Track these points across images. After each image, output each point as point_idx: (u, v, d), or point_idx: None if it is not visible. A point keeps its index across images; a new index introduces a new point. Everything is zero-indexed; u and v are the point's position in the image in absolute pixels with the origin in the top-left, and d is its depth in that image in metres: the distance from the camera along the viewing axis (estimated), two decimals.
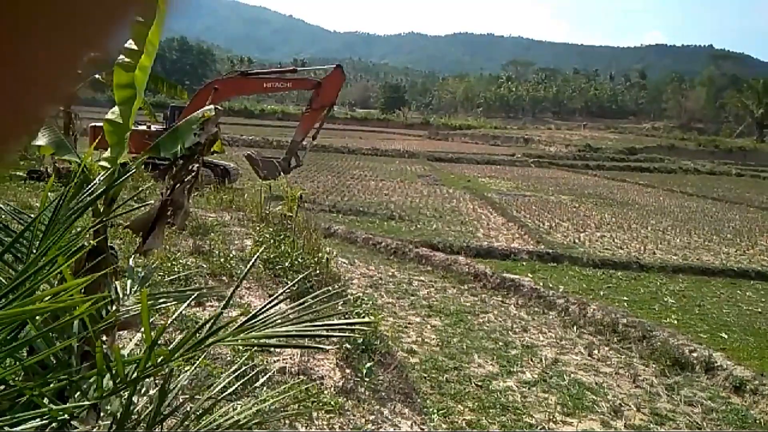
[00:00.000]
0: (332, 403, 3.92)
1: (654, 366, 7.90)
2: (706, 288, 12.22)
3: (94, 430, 1.58)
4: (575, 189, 27.47)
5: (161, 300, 2.10)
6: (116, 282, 2.40)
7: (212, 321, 1.42)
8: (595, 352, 8.18)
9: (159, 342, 1.58)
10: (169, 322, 1.67)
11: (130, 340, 2.21)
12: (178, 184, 4.03)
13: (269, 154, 25.98)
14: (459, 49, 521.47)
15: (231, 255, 6.54)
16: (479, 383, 6.76)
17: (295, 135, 19.31)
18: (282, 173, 18.62)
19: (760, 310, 10.97)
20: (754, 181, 39.71)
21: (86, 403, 1.47)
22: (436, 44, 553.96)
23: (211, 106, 2.80)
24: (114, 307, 2.27)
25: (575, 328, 9.11)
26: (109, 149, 2.66)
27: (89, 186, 2.32)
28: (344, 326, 1.75)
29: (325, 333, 1.58)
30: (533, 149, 49.93)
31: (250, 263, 1.85)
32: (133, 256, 3.03)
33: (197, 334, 1.43)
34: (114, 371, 1.46)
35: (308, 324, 1.54)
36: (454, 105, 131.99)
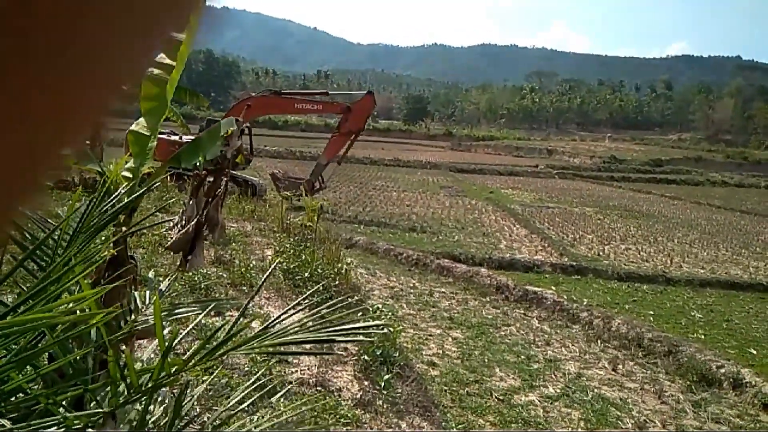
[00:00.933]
0: (349, 415, 3.89)
1: (680, 382, 7.73)
2: (735, 302, 11.96)
3: None
4: (600, 201, 27.16)
5: (180, 309, 2.10)
6: (136, 291, 2.42)
7: (228, 329, 1.42)
8: (620, 366, 8.03)
9: (177, 351, 1.57)
10: (186, 331, 1.67)
11: (152, 350, 2.22)
12: (211, 201, 4.07)
13: (293, 166, 26.17)
14: (482, 61, 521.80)
15: (251, 265, 6.57)
16: (500, 397, 6.67)
17: (320, 158, 19.34)
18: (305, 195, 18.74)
19: None
20: None
21: (101, 411, 1.47)
22: (459, 56, 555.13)
23: (232, 119, 2.82)
24: (132, 317, 2.28)
25: (599, 342, 8.96)
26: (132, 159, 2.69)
27: (112, 197, 2.34)
28: (358, 330, 1.73)
29: (339, 337, 1.56)
30: (557, 161, 49.58)
31: (268, 272, 1.85)
32: (170, 276, 3.06)
33: (212, 342, 1.43)
34: (128, 380, 1.46)
35: (323, 329, 1.53)
36: (477, 116, 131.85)
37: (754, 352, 9.15)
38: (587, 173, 41.81)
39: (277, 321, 1.53)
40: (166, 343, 1.30)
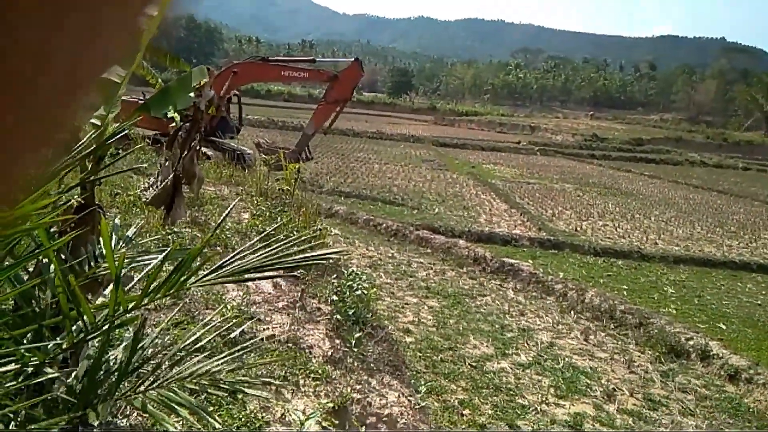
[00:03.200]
0: (319, 371, 3.92)
1: (649, 353, 7.89)
2: (707, 279, 12.18)
3: (67, 378, 1.57)
4: (580, 178, 27.34)
5: (143, 257, 2.07)
6: (100, 237, 2.38)
7: (184, 260, 1.40)
8: (591, 337, 8.18)
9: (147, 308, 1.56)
10: (145, 272, 1.65)
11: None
12: (185, 153, 4.01)
13: (275, 135, 25.90)
14: (469, 35, 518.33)
15: (227, 227, 6.54)
16: (473, 364, 6.77)
17: (306, 128, 18.87)
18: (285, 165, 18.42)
19: (759, 302, 10.94)
20: (760, 175, 39.43)
21: (58, 345, 1.45)
22: (446, 29, 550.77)
23: (204, 68, 2.76)
24: (97, 265, 2.25)
25: (572, 313, 9.10)
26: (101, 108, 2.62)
27: (78, 144, 2.29)
28: (316, 258, 1.72)
29: (298, 264, 1.55)
30: (539, 137, 49.68)
31: (230, 208, 1.83)
32: (136, 222, 3.01)
33: (161, 274, 1.41)
34: (85, 317, 1.44)
35: (282, 255, 1.52)
36: (462, 91, 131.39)
37: (723, 327, 9.35)
38: (569, 150, 41.97)
39: (238, 255, 1.52)
40: (116, 269, 1.27)
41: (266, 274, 1.56)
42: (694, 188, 28.14)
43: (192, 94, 2.90)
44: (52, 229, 2.19)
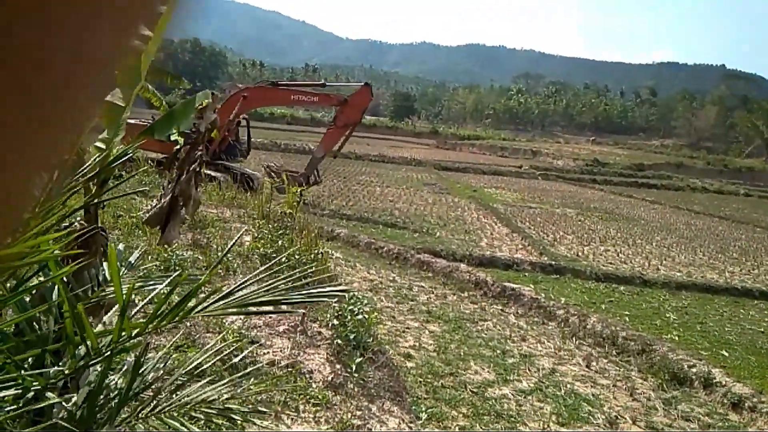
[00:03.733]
0: (319, 396, 3.89)
1: (652, 380, 7.83)
2: (710, 306, 12.12)
3: (68, 402, 1.56)
4: (581, 203, 27.37)
5: (148, 283, 2.08)
6: (105, 263, 2.39)
7: (190, 290, 1.40)
8: (594, 363, 8.11)
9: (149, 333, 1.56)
10: (150, 297, 1.65)
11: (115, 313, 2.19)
12: (183, 175, 4.03)
13: (278, 158, 25.94)
14: (470, 60, 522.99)
15: (229, 250, 6.54)
16: (474, 390, 6.71)
17: (315, 151, 18.87)
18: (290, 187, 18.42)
19: (762, 329, 10.86)
20: (761, 201, 39.46)
21: (59, 371, 1.45)
22: (448, 54, 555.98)
23: (207, 92, 2.79)
24: (100, 288, 2.25)
25: (574, 339, 9.05)
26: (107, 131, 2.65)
27: (82, 168, 2.31)
28: (320, 294, 1.72)
29: (301, 300, 1.56)
30: (541, 162, 49.89)
31: (236, 238, 1.84)
32: (140, 247, 3.02)
33: (169, 304, 1.41)
34: (88, 342, 1.44)
35: (287, 289, 1.53)
36: (464, 115, 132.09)
37: (726, 354, 9.28)
38: (570, 175, 42.12)
39: (242, 286, 1.53)
40: (124, 298, 1.28)
41: (270, 309, 1.57)
42: (696, 214, 28.14)
43: (193, 115, 2.93)
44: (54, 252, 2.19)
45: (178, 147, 4.68)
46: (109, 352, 1.49)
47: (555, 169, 44.55)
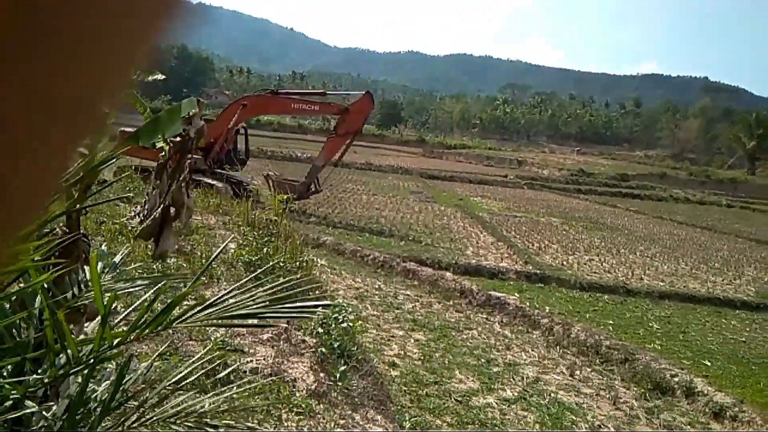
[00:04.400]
0: (303, 405, 3.87)
1: (635, 389, 7.88)
2: (692, 315, 12.23)
3: (48, 412, 1.54)
4: (566, 212, 27.54)
5: (128, 284, 2.06)
6: (86, 268, 2.37)
7: (173, 299, 1.39)
8: (577, 372, 8.15)
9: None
10: (135, 305, 1.64)
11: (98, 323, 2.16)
12: (175, 183, 4.00)
13: (265, 165, 25.85)
14: (457, 70, 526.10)
15: (212, 256, 6.51)
16: (459, 399, 6.71)
17: (316, 160, 18.76)
18: (300, 198, 18.29)
19: (744, 339, 10.98)
20: (743, 212, 39.94)
21: (39, 379, 1.43)
22: (435, 64, 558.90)
23: (194, 99, 2.78)
24: (81, 293, 2.23)
25: (558, 348, 9.09)
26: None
27: (66, 173, 2.29)
28: (304, 308, 1.72)
29: (285, 314, 1.55)
30: (526, 171, 50.16)
31: (222, 246, 1.83)
32: (123, 250, 2.99)
33: (151, 313, 1.40)
34: (69, 351, 1.42)
35: (272, 301, 1.52)
36: (450, 124, 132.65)
37: (708, 363, 9.37)
38: (555, 185, 42.39)
39: (226, 296, 1.52)
40: (105, 306, 1.27)
41: (254, 322, 1.56)
42: (679, 224, 28.40)
43: (180, 123, 2.92)
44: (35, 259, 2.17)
45: (163, 155, 4.67)
46: (90, 361, 1.48)
47: (540, 179, 44.81)
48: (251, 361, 4.31)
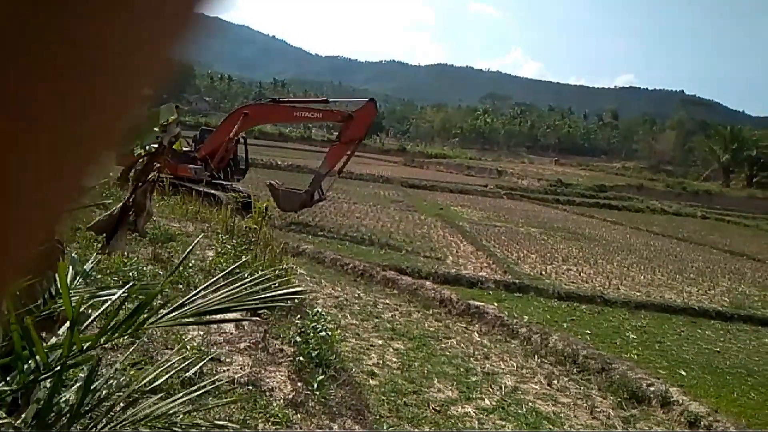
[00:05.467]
0: (280, 415, 3.84)
1: (612, 398, 7.93)
2: (667, 325, 12.36)
3: (15, 421, 1.51)
4: (545, 222, 27.76)
5: (102, 292, 2.03)
6: (57, 275, 2.33)
7: (143, 302, 1.37)
8: (555, 382, 8.19)
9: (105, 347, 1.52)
10: (102, 309, 1.61)
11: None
12: (140, 186, 3.95)
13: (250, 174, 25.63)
14: (438, 80, 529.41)
15: (190, 264, 6.44)
16: (437, 408, 6.70)
17: (320, 167, 18.60)
18: (304, 206, 18.16)
19: (718, 349, 11.12)
20: (718, 224, 40.58)
21: (7, 388, 1.40)
22: (416, 74, 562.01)
23: (172, 106, 2.76)
24: (53, 301, 2.19)
25: (536, 357, 9.13)
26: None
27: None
28: (277, 297, 1.71)
29: (258, 304, 1.54)
30: (506, 181, 50.52)
31: (192, 245, 1.81)
32: (94, 256, 2.94)
33: (120, 315, 1.38)
34: (38, 357, 1.39)
35: (242, 296, 1.51)
36: (431, 134, 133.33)
37: (684, 373, 9.46)
38: (534, 195, 42.72)
39: (198, 294, 1.50)
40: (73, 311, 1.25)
41: (229, 317, 1.55)
42: (655, 235, 28.78)
43: (156, 129, 2.89)
44: None
45: (142, 161, 4.62)
46: (59, 367, 1.45)
47: (520, 189, 45.15)
48: (228, 369, 4.27)
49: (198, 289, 1.57)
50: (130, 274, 4.95)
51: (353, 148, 18.15)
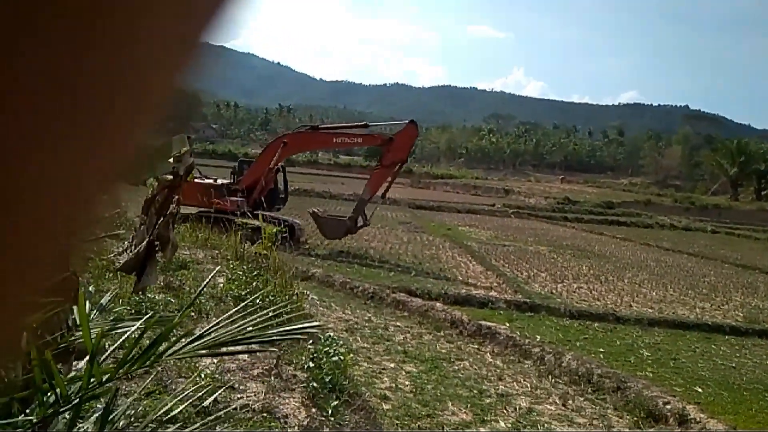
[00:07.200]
0: None
1: (628, 418, 7.83)
2: (681, 342, 12.23)
3: None
4: (553, 240, 27.66)
5: (120, 325, 2.04)
6: (75, 308, 2.34)
7: (161, 333, 1.39)
8: (570, 402, 8.10)
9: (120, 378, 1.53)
10: (121, 340, 1.62)
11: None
12: (162, 218, 3.99)
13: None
14: (442, 101, 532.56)
15: (202, 292, 6.45)
16: (452, 431, 6.63)
17: (363, 193, 18.54)
18: (348, 233, 18.10)
19: (734, 365, 10.98)
20: (728, 238, 40.30)
21: (20, 418, 1.41)
22: (421, 95, 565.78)
23: (184, 136, 2.80)
24: (70, 333, 2.20)
25: (550, 377, 9.03)
26: None
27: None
28: (294, 330, 1.71)
29: (274, 338, 1.55)
30: (513, 200, 50.48)
31: (208, 278, 1.82)
32: (112, 290, 2.97)
33: (140, 348, 1.39)
34: (57, 390, 1.40)
35: (260, 328, 1.52)
36: (437, 155, 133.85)
37: (700, 390, 9.34)
38: (542, 213, 42.65)
39: (215, 327, 1.51)
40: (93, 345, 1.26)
41: (243, 349, 1.55)
42: (665, 251, 28.58)
43: (171, 161, 2.93)
44: None
45: (151, 191, 4.67)
46: (78, 399, 1.46)
47: (527, 207, 45.10)
48: (242, 397, 4.25)
49: (215, 322, 1.58)
50: (143, 303, 4.97)
51: (397, 170, 18.05)
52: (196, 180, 18.38)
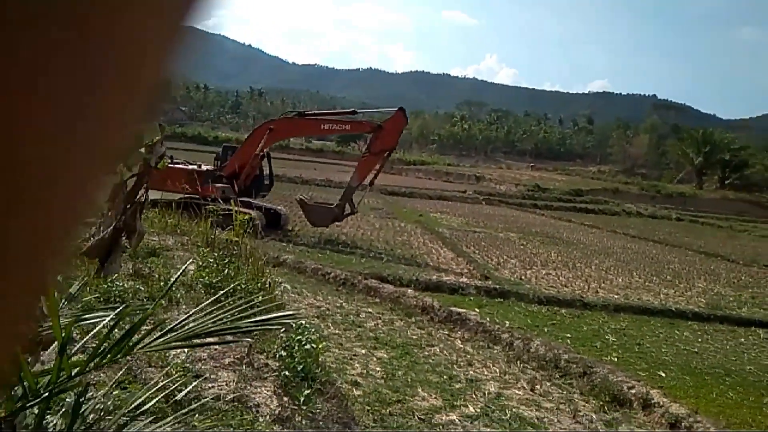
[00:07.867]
0: (266, 431, 3.81)
1: (594, 402, 8.00)
2: (646, 327, 12.51)
3: None
4: (523, 227, 27.98)
5: (88, 315, 2.01)
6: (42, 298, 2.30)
7: (133, 325, 1.37)
8: (537, 387, 8.24)
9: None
10: (92, 333, 1.60)
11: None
12: (130, 207, 3.91)
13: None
14: (415, 88, 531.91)
15: (171, 278, 6.38)
16: (422, 416, 6.71)
17: (351, 180, 18.25)
18: (335, 221, 17.92)
19: (696, 350, 11.28)
20: (692, 225, 41.23)
21: None
22: (394, 81, 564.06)
23: (155, 124, 2.74)
24: (38, 324, 2.16)
25: (519, 362, 9.18)
26: None
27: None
28: (268, 320, 1.71)
29: (248, 328, 1.54)
30: (484, 187, 50.84)
31: (181, 270, 1.81)
32: (81, 278, 2.91)
33: (109, 341, 1.37)
34: (25, 383, 1.38)
35: (232, 320, 1.51)
36: (410, 141, 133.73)
37: (663, 374, 9.58)
38: (512, 200, 43.07)
39: (187, 319, 1.50)
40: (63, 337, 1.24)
41: (217, 340, 1.55)
42: (632, 238, 29.14)
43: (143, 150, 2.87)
44: None
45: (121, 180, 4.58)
46: (47, 393, 1.44)
47: (498, 194, 45.49)
48: (213, 386, 4.23)
49: (187, 315, 1.57)
50: (112, 291, 4.89)
51: (385, 158, 17.95)
52: (178, 166, 18.07)
